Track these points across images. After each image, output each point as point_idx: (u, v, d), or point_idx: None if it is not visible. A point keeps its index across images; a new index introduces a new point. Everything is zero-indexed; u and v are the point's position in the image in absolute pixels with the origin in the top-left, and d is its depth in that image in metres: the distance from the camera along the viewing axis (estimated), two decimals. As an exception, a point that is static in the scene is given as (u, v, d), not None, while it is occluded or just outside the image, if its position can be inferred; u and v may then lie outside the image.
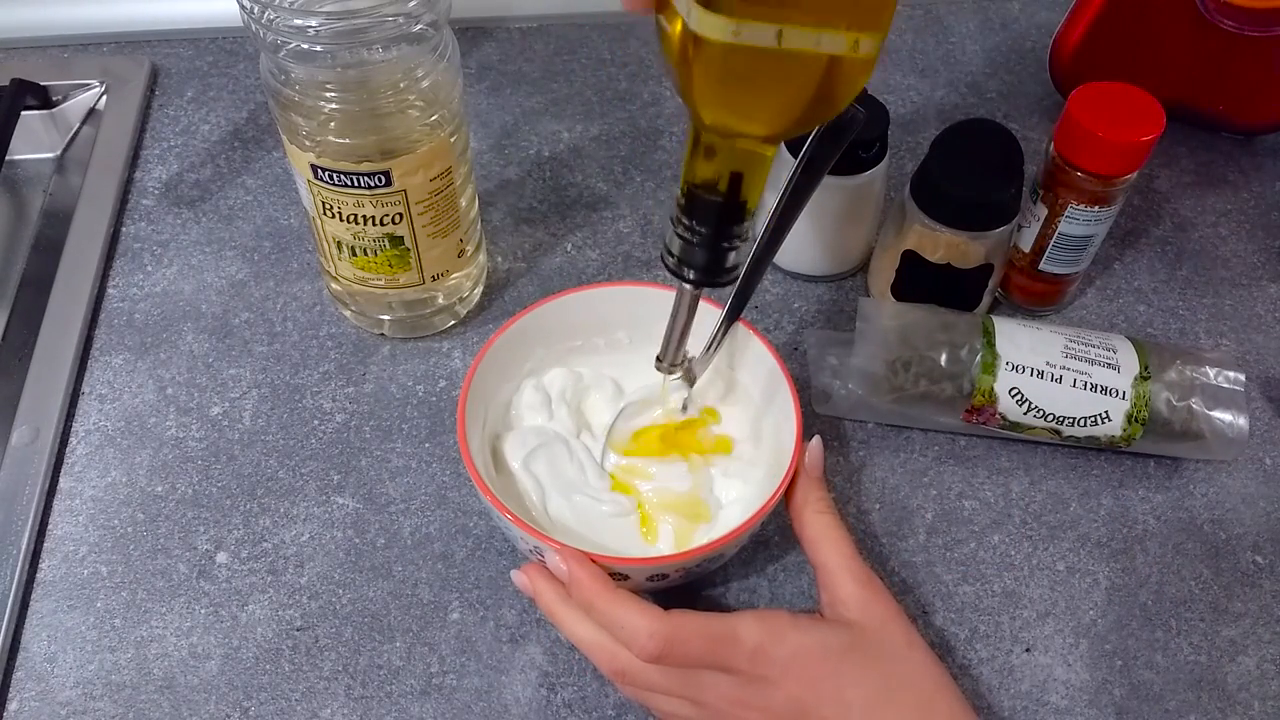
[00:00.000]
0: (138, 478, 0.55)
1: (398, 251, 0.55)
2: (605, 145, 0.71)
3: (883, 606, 0.44)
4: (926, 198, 0.55)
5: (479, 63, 0.77)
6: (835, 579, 0.45)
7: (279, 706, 0.48)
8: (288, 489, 0.55)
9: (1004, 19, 0.81)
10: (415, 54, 0.49)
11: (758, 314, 0.62)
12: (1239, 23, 0.64)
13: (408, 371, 0.59)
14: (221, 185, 0.69)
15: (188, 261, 0.64)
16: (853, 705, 0.42)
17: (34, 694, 0.48)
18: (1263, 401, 0.60)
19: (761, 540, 0.53)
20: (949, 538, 0.54)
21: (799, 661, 0.42)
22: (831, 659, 0.42)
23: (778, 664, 0.42)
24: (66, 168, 0.72)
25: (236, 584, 0.52)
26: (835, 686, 0.42)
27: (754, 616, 0.43)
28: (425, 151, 0.51)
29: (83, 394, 0.58)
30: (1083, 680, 0.50)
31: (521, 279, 0.64)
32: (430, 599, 0.51)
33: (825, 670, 0.42)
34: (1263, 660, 0.50)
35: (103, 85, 0.73)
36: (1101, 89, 0.54)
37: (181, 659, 0.49)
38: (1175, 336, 0.62)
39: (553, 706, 0.48)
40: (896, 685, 0.43)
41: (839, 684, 0.42)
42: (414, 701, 0.48)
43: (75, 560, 0.52)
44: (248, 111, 0.73)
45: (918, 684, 0.43)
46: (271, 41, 0.47)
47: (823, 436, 0.48)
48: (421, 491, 0.55)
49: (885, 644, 0.43)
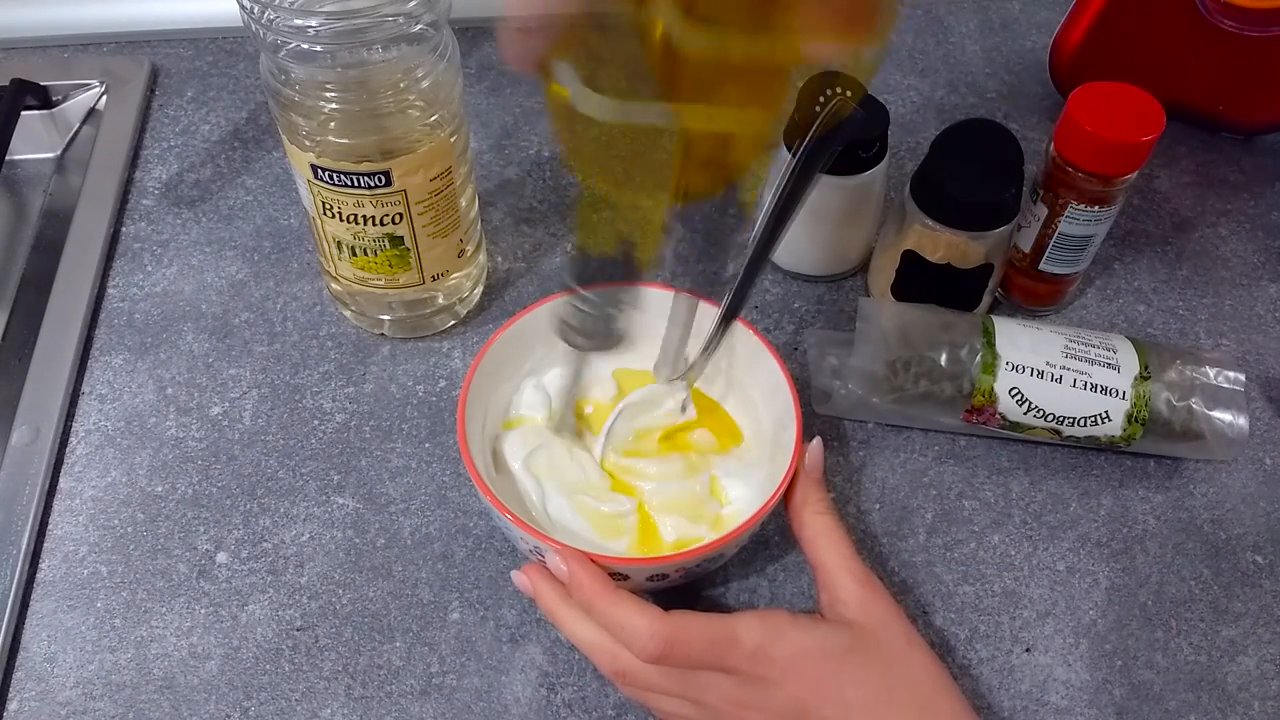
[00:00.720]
0: (138, 478, 0.55)
1: (398, 251, 0.55)
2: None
3: (882, 606, 0.44)
4: (926, 198, 0.55)
5: (479, 63, 0.77)
6: (834, 579, 0.45)
7: (279, 706, 0.48)
8: (288, 489, 0.55)
9: (1004, 19, 0.81)
10: (415, 54, 0.49)
11: (758, 314, 0.62)
12: (1239, 23, 0.64)
13: (408, 371, 0.59)
14: (221, 185, 0.69)
15: (188, 261, 0.64)
16: (853, 705, 0.42)
17: (34, 694, 0.48)
18: (1263, 401, 0.60)
19: (761, 540, 0.53)
20: (949, 538, 0.54)
21: (799, 662, 0.42)
22: (832, 659, 0.42)
23: (778, 664, 0.42)
24: (66, 168, 0.72)
25: (236, 584, 0.52)
26: (836, 686, 0.42)
27: (754, 617, 0.43)
28: (425, 151, 0.51)
29: (83, 394, 0.58)
30: (1083, 680, 0.50)
31: (521, 279, 0.64)
32: (430, 599, 0.51)
33: (826, 670, 0.42)
34: (1263, 660, 0.50)
35: (103, 85, 0.73)
36: (1101, 89, 0.54)
37: (181, 659, 0.49)
38: (1175, 336, 0.62)
39: (553, 706, 0.48)
40: (897, 684, 0.43)
41: (839, 684, 0.42)
42: (414, 701, 0.48)
43: (75, 560, 0.52)
44: (248, 111, 0.73)
45: (918, 683, 0.43)
46: (271, 41, 0.47)
47: (823, 436, 0.48)
48: (421, 491, 0.55)
49: (886, 643, 0.43)
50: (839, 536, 0.46)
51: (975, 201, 0.54)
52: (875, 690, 0.42)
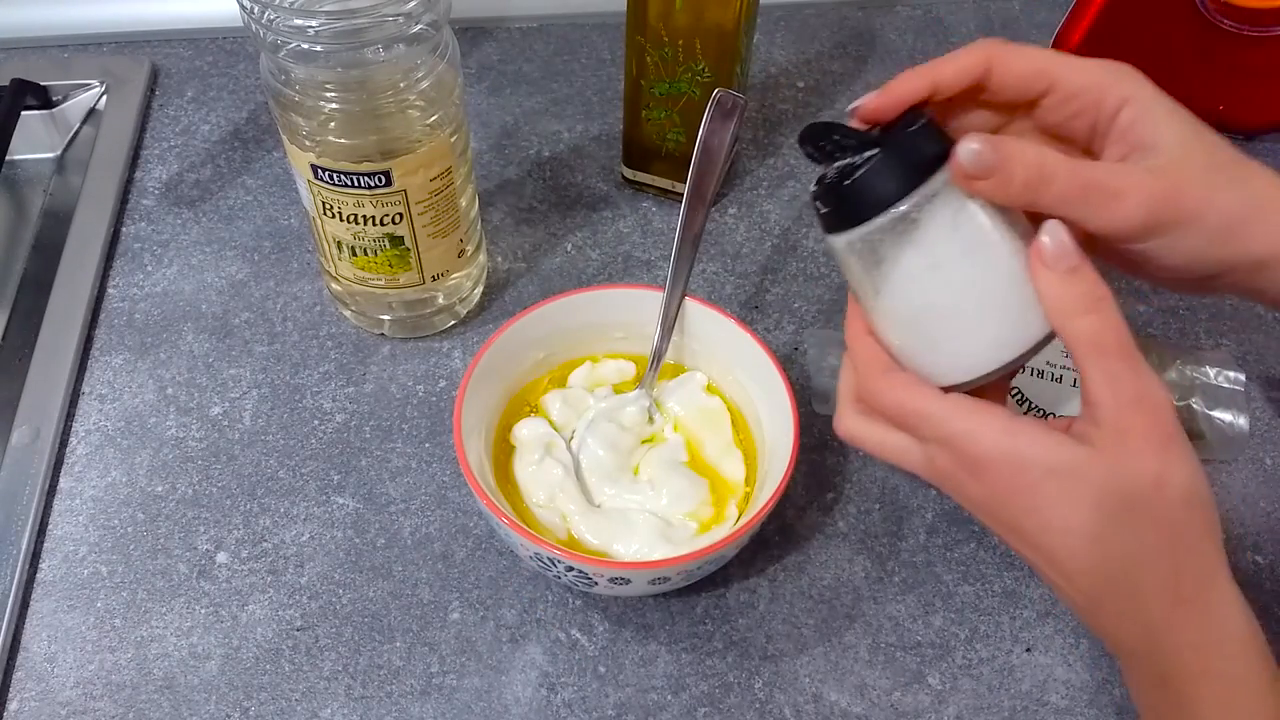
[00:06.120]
0: (138, 478, 0.55)
1: (398, 251, 0.55)
2: (605, 145, 0.71)
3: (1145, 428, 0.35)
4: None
5: (479, 63, 0.77)
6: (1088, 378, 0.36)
7: (279, 706, 0.48)
8: (288, 489, 0.55)
9: (1004, 19, 0.81)
10: (415, 54, 0.49)
11: (757, 314, 0.62)
12: (1239, 23, 0.64)
13: (408, 371, 0.59)
14: (221, 185, 0.69)
15: (188, 261, 0.64)
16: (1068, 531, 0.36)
17: (34, 694, 0.48)
18: (1263, 401, 0.60)
19: (761, 540, 0.53)
20: (949, 538, 0.54)
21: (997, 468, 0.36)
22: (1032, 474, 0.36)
23: (978, 463, 0.37)
24: (66, 168, 0.72)
25: (236, 584, 0.52)
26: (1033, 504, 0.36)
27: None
28: (425, 151, 0.51)
29: (83, 394, 0.58)
30: (1083, 680, 0.50)
31: (521, 279, 0.64)
32: (430, 599, 0.51)
33: (1024, 483, 0.36)
34: (1263, 660, 0.50)
35: (103, 85, 0.73)
36: (1101, 89, 0.54)
37: (181, 659, 0.49)
38: (1175, 336, 0.62)
39: (553, 706, 0.48)
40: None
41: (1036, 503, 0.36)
42: (414, 701, 0.48)
43: (75, 560, 0.52)
44: (248, 111, 0.73)
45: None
46: (271, 41, 0.47)
47: (823, 436, 0.48)
48: (421, 491, 0.55)
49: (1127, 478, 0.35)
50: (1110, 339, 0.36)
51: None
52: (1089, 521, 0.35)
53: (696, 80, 0.60)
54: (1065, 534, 0.36)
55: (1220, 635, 0.36)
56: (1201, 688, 0.36)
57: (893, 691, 0.49)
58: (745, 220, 0.67)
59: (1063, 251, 0.36)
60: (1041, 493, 0.36)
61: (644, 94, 0.62)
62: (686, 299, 0.53)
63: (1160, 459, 0.35)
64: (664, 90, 0.61)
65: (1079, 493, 0.35)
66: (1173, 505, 0.35)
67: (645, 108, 0.62)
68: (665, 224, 0.67)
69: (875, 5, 0.82)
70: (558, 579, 0.48)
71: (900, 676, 0.49)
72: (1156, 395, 0.35)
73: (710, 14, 0.56)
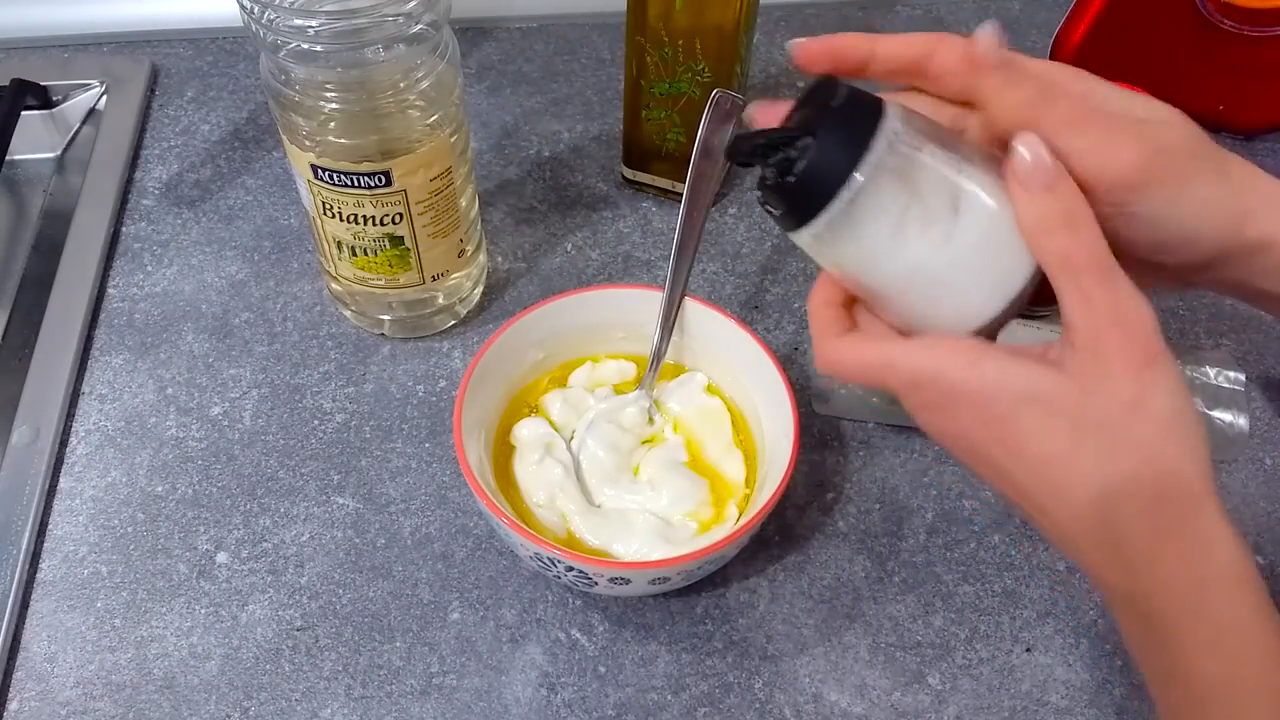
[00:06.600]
0: (138, 478, 0.55)
1: (398, 251, 0.55)
2: (605, 145, 0.71)
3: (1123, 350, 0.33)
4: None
5: (479, 63, 0.77)
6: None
7: (279, 706, 0.48)
8: (288, 489, 0.55)
9: (1004, 19, 0.81)
10: (415, 54, 0.49)
11: (757, 314, 0.62)
12: (1239, 23, 0.64)
13: (408, 371, 0.59)
14: (221, 185, 0.69)
15: (188, 261, 0.64)
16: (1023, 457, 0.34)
17: (34, 694, 0.48)
18: (1263, 401, 0.60)
19: (761, 540, 0.53)
20: (949, 538, 0.54)
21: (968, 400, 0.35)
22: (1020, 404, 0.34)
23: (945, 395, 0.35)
24: (66, 168, 0.72)
25: (236, 584, 0.52)
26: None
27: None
28: (425, 151, 0.51)
29: (83, 394, 0.58)
30: (1083, 680, 0.50)
31: (521, 279, 0.64)
32: (430, 599, 0.51)
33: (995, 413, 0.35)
34: (1263, 660, 0.50)
35: (103, 85, 0.73)
36: (1101, 89, 0.54)
37: (181, 659, 0.49)
38: (1175, 336, 0.62)
39: (553, 706, 0.48)
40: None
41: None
42: (414, 701, 0.48)
43: (75, 560, 0.52)
44: (248, 111, 0.73)
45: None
46: (271, 41, 0.47)
47: (823, 436, 0.48)
48: (421, 491, 0.55)
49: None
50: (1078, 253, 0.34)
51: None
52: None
53: (696, 80, 0.60)
54: (1038, 464, 0.34)
55: (1206, 572, 0.33)
56: (1184, 629, 0.34)
57: (893, 691, 0.49)
58: (745, 220, 0.67)
59: (1038, 166, 0.34)
60: (1012, 423, 0.34)
61: (644, 94, 0.62)
62: (686, 299, 0.53)
63: (1137, 380, 0.33)
64: (664, 90, 0.61)
65: (1051, 421, 0.33)
66: (1151, 429, 0.33)
67: (645, 108, 0.62)
68: (665, 224, 0.67)
69: (875, 5, 0.82)
70: (558, 579, 0.48)
71: (900, 676, 0.49)
72: (1136, 312, 0.33)
73: (710, 14, 0.56)
